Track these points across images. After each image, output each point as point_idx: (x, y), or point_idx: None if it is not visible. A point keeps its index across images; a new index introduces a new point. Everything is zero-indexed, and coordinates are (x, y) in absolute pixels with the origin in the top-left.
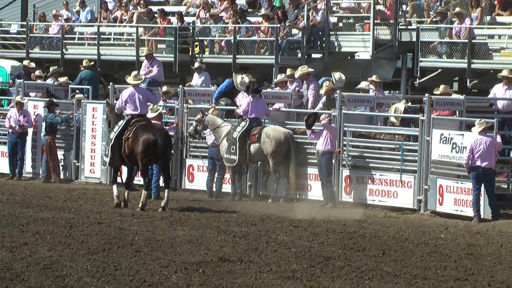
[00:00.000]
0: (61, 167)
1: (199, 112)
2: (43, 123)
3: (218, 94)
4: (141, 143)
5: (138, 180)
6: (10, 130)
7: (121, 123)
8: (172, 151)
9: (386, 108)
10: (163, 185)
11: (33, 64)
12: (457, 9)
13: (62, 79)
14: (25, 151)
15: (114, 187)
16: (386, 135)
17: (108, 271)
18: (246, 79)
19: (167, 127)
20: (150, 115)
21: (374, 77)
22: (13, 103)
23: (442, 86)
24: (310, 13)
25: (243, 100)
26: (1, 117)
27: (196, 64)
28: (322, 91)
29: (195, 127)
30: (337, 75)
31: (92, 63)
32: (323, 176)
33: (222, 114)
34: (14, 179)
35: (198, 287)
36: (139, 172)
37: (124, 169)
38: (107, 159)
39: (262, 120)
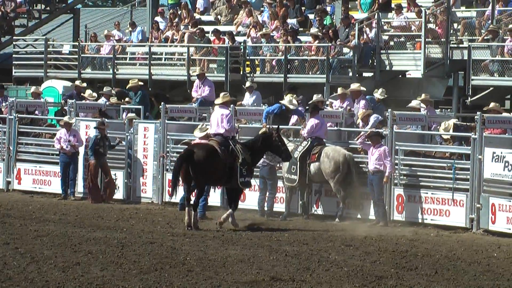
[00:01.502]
0: (115, 188)
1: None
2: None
3: (266, 114)
4: None
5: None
6: (61, 151)
7: None
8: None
9: (438, 127)
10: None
11: (84, 84)
12: (510, 26)
13: (113, 100)
14: (77, 171)
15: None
16: (437, 153)
17: None
18: (294, 101)
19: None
20: (196, 133)
21: (423, 96)
22: (61, 123)
23: (492, 103)
24: (361, 32)
25: (308, 122)
26: (52, 137)
27: (247, 84)
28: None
29: None
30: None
31: (141, 83)
32: (375, 195)
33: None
34: (66, 199)
35: None
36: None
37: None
38: None
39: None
